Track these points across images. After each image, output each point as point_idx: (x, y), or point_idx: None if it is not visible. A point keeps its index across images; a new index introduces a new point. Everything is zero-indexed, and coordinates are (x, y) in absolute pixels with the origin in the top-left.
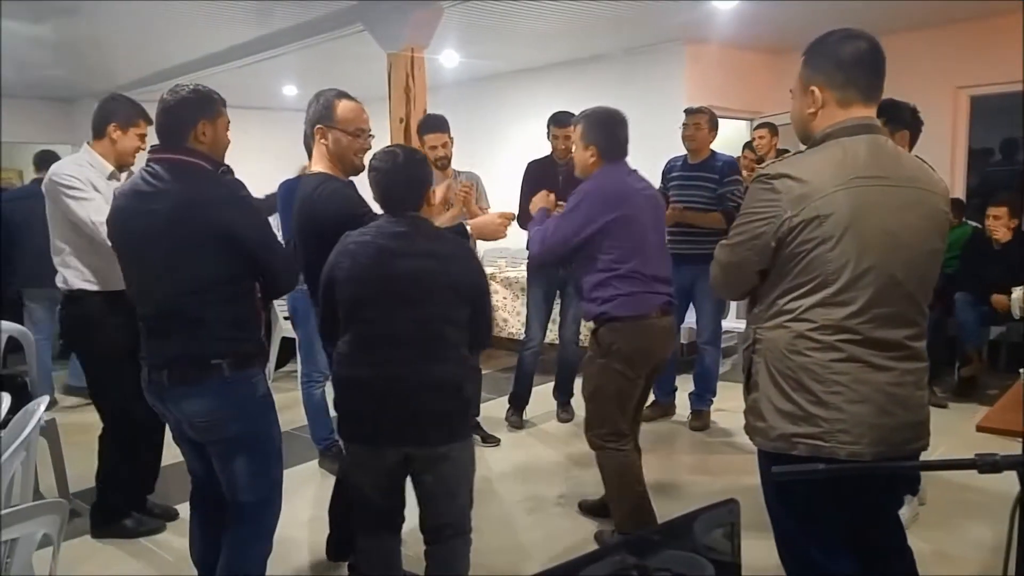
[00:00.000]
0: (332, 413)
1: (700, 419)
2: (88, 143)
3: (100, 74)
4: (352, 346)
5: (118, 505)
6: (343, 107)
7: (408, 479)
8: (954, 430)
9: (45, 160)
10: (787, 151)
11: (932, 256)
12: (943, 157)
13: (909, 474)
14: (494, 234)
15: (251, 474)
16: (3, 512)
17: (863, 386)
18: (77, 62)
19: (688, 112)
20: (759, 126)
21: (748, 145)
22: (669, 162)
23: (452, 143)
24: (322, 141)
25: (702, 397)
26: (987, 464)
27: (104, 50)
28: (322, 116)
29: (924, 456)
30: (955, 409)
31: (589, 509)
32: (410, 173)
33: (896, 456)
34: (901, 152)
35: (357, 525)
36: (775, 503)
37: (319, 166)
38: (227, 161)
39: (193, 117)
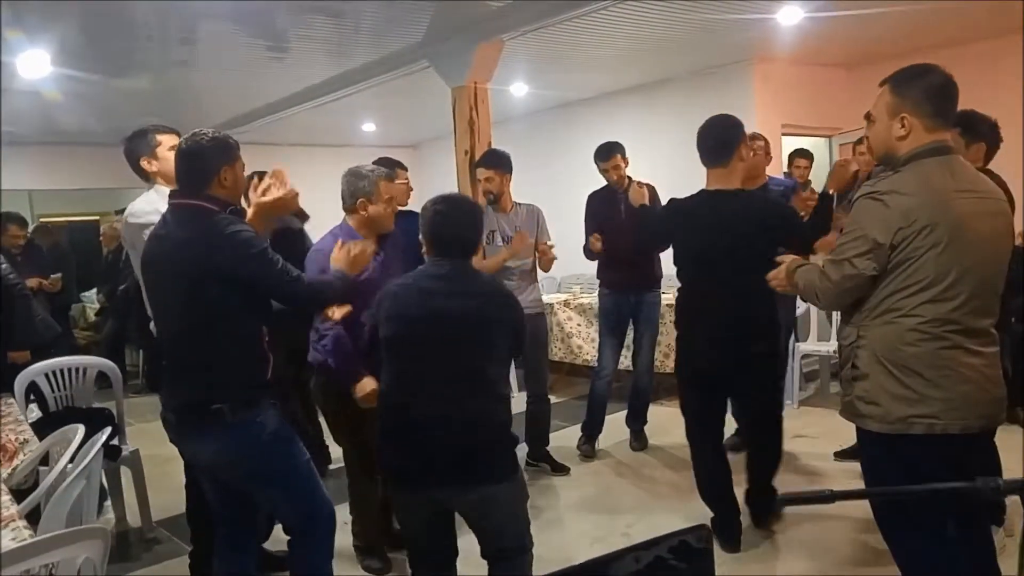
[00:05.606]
0: None
1: None
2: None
3: (187, 120)
4: (392, 383)
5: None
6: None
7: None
8: None
9: None
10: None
11: (1007, 253)
12: None
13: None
14: None
15: (278, 505)
16: (42, 537)
17: (966, 369)
18: (168, 110)
19: None
20: (796, 154)
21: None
22: None
23: (504, 179)
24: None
25: None
26: (989, 489)
27: (191, 96)
28: None
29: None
30: None
31: None
32: (462, 220)
33: (988, 429)
34: (973, 168)
35: (410, 566)
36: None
37: None
38: (313, 197)
39: (216, 164)
